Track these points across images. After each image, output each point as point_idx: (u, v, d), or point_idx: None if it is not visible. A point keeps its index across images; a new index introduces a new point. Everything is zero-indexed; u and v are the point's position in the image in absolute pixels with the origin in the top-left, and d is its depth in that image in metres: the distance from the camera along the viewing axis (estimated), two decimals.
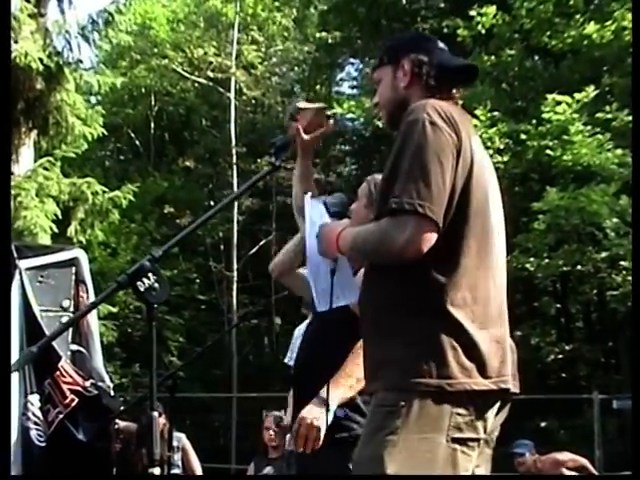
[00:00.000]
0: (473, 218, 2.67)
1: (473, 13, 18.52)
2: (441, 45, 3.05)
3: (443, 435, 2.53)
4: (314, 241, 3.01)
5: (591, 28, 17.18)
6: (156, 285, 2.55)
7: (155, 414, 2.58)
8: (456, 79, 2.99)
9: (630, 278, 15.87)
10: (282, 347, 16.21)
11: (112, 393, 6.86)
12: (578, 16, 17.92)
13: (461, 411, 2.56)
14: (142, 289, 2.54)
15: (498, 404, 2.68)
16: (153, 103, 27.58)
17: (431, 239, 2.56)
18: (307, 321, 5.39)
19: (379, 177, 3.24)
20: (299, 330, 6.60)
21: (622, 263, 16.14)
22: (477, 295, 2.65)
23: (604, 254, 16.61)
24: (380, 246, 2.66)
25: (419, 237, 2.55)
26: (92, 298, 6.89)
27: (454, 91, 2.96)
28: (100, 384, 6.47)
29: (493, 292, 2.72)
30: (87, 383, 6.22)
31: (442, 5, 23.57)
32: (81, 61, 16.16)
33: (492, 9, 18.32)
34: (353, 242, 2.81)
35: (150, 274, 2.55)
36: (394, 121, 2.89)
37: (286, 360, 7.08)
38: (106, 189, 15.77)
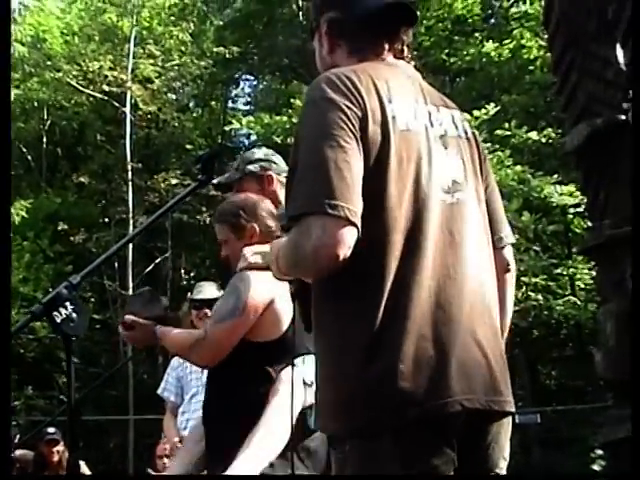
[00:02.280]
0: (394, 195, 2.19)
1: None
2: None
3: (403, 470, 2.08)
4: None
5: (489, 46, 17.39)
6: (74, 315, 2.27)
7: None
8: (384, 28, 2.46)
9: (531, 294, 16.09)
10: None
11: None
12: (477, 34, 18.15)
13: (410, 442, 2.09)
14: (59, 320, 2.26)
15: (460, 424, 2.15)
16: (46, 117, 26.93)
17: (344, 236, 2.09)
18: None
19: None
20: (178, 361, 6.26)
21: (522, 279, 16.29)
22: (408, 299, 2.16)
23: None
24: (296, 260, 2.20)
25: (327, 239, 2.08)
26: None
27: (385, 45, 2.45)
28: None
29: (439, 289, 2.20)
30: None
31: None
32: None
33: None
34: (278, 261, 2.33)
35: (67, 303, 2.27)
36: None
37: (159, 391, 6.63)
38: None
